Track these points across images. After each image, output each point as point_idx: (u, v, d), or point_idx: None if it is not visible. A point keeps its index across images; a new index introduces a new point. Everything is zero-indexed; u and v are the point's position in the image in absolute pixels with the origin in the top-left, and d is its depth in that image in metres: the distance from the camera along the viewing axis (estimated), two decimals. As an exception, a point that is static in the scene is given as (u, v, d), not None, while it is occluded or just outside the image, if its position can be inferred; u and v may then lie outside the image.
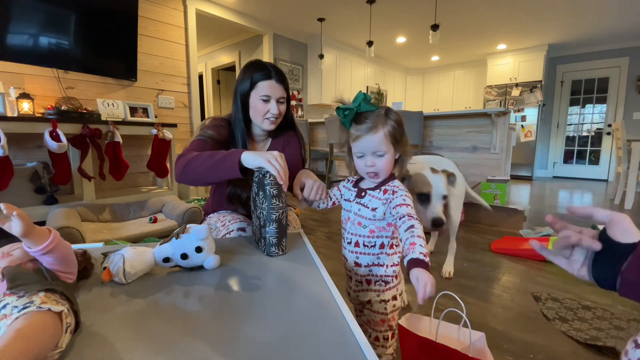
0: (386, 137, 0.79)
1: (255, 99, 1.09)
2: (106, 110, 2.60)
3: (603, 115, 5.52)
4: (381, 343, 0.85)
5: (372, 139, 0.79)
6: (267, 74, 1.08)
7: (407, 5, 4.02)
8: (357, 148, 0.82)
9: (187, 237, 0.68)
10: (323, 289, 0.64)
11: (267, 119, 1.10)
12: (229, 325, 0.51)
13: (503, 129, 2.88)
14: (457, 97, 6.95)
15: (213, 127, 1.12)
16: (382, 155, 0.80)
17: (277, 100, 1.09)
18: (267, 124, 1.11)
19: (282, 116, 1.13)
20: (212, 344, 0.46)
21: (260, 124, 1.12)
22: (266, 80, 1.08)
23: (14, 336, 0.37)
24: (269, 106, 1.08)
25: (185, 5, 3.48)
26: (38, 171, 2.23)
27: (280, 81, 1.09)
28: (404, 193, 0.79)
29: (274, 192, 0.79)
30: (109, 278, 0.64)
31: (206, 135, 1.09)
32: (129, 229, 2.16)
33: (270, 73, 1.08)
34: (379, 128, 0.79)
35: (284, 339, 0.48)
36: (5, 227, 0.48)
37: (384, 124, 0.79)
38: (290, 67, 5.06)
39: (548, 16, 4.29)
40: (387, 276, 0.85)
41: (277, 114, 1.09)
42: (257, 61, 1.12)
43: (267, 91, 1.07)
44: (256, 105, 1.09)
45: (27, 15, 2.28)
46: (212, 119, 1.17)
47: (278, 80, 1.09)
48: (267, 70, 1.09)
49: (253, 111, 1.11)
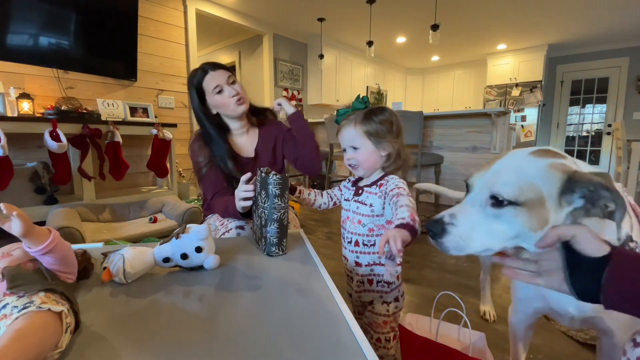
0: (359, 131, 0.84)
1: (212, 98, 1.12)
2: (106, 110, 2.60)
3: (603, 115, 5.52)
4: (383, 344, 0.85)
5: (346, 132, 0.86)
6: (202, 70, 1.12)
7: (407, 5, 4.02)
8: (340, 142, 0.89)
9: (187, 237, 0.68)
10: (323, 289, 0.64)
11: (234, 103, 1.12)
12: (228, 325, 0.51)
13: (503, 129, 2.88)
14: (457, 97, 6.95)
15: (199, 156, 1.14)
16: (358, 149, 0.85)
17: (227, 83, 1.11)
18: (237, 108, 1.12)
19: (243, 93, 1.15)
20: (212, 344, 0.46)
21: (233, 112, 1.13)
22: (205, 75, 1.11)
23: (14, 336, 0.37)
24: (226, 93, 1.11)
25: (185, 5, 3.48)
26: (38, 171, 2.23)
27: (216, 67, 1.12)
28: (398, 181, 0.82)
29: (277, 191, 0.79)
30: (109, 278, 0.64)
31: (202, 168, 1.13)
32: (129, 229, 2.16)
33: (204, 68, 1.12)
34: (353, 123, 0.85)
35: (284, 339, 0.48)
36: (5, 227, 0.48)
37: (361, 121, 0.84)
38: (290, 67, 5.06)
39: (548, 16, 4.29)
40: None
41: (235, 93, 1.11)
42: (190, 73, 1.16)
43: (213, 83, 1.10)
44: (216, 101, 1.12)
45: (27, 15, 2.28)
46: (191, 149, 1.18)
47: (214, 68, 1.12)
48: (201, 69, 1.12)
49: (219, 109, 1.14)
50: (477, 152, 3.08)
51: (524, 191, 0.49)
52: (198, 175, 1.16)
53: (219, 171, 1.12)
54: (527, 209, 0.49)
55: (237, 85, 1.14)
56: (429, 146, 3.37)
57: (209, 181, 1.13)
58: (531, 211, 0.49)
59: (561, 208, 0.50)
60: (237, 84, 1.14)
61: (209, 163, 1.12)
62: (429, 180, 3.14)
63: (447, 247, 0.54)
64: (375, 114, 0.84)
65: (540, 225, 0.49)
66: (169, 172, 2.87)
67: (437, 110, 6.88)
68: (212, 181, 1.12)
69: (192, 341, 0.47)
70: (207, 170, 1.12)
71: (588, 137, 5.70)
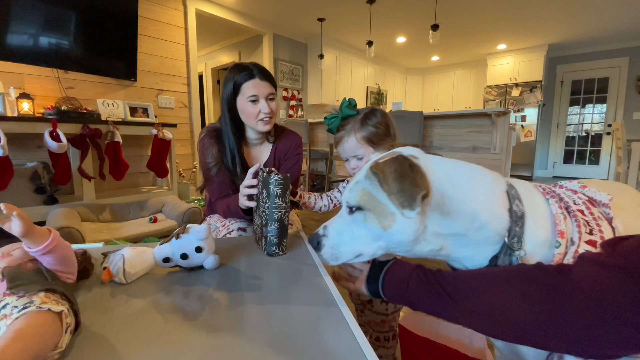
0: (360, 141, 0.83)
1: (243, 102, 1.04)
2: (106, 110, 2.60)
3: (603, 115, 5.52)
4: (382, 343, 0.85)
5: (347, 144, 0.85)
6: (250, 73, 1.03)
7: (407, 5, 4.02)
8: (340, 153, 0.88)
9: (187, 237, 0.68)
10: (323, 289, 0.64)
11: (261, 120, 1.05)
12: (228, 325, 0.51)
13: (503, 129, 2.88)
14: (457, 97, 6.95)
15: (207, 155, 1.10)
16: (362, 158, 0.84)
17: (266, 98, 1.04)
18: (261, 125, 1.06)
19: (275, 114, 1.09)
20: (212, 344, 0.46)
21: (255, 127, 1.07)
22: (250, 80, 1.03)
23: (13, 336, 0.37)
24: (259, 106, 1.04)
25: (185, 5, 3.48)
26: (38, 171, 2.23)
27: (265, 78, 1.04)
28: None
29: (278, 191, 0.79)
30: (109, 278, 0.64)
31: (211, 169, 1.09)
32: (129, 229, 2.16)
33: (253, 72, 1.03)
34: (352, 133, 0.84)
35: (284, 339, 0.48)
36: (5, 227, 0.48)
37: (359, 129, 0.83)
38: (290, 67, 5.06)
39: (548, 16, 4.29)
40: None
41: (268, 112, 1.04)
42: (238, 64, 1.08)
43: (253, 91, 1.03)
44: (245, 108, 1.05)
45: (27, 15, 2.28)
46: (201, 143, 1.14)
47: (262, 78, 1.04)
48: (249, 70, 1.04)
49: (244, 115, 1.07)
50: (477, 152, 3.08)
51: (361, 196, 0.52)
52: (205, 175, 1.13)
53: (226, 175, 1.10)
54: (371, 211, 0.52)
55: (274, 103, 1.07)
56: (429, 146, 3.37)
57: (215, 184, 1.10)
58: (375, 211, 0.51)
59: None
60: (274, 103, 1.07)
61: (217, 165, 1.09)
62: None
63: (325, 258, 0.57)
64: (370, 119, 0.85)
65: (391, 221, 0.50)
66: (169, 172, 2.87)
67: (437, 110, 6.88)
68: (218, 185, 1.10)
69: (192, 341, 0.47)
70: (214, 172, 1.10)
71: (588, 137, 5.70)
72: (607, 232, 0.49)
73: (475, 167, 0.56)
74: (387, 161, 0.49)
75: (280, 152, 1.18)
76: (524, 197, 0.52)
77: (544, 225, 0.51)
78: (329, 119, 0.90)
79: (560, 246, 0.49)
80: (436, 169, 0.51)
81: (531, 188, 0.56)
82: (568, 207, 0.52)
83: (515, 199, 0.52)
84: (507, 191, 0.52)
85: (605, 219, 0.51)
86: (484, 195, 0.51)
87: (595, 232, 0.49)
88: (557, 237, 0.49)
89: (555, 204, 0.52)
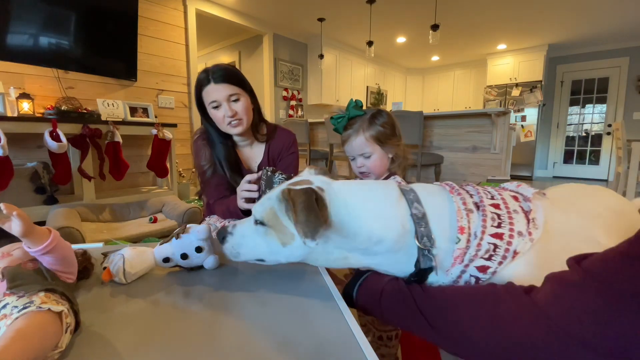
0: (369, 139, 0.85)
1: (209, 109, 1.02)
2: (106, 110, 2.60)
3: (603, 115, 5.52)
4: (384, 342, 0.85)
5: (355, 142, 0.87)
6: (205, 78, 0.99)
7: (407, 5, 4.02)
8: (347, 151, 0.90)
9: (187, 237, 0.68)
10: (323, 289, 0.64)
11: (229, 124, 1.02)
12: (228, 325, 0.51)
13: (503, 129, 2.88)
14: (457, 97, 6.95)
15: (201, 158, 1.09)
16: (369, 157, 0.86)
17: (226, 100, 0.99)
18: (231, 129, 1.02)
19: (244, 114, 1.02)
20: (211, 344, 0.46)
21: (227, 131, 1.04)
22: (207, 85, 0.99)
23: (13, 336, 0.37)
24: (222, 111, 0.99)
25: (185, 5, 3.48)
26: (38, 171, 2.23)
27: (221, 80, 0.98)
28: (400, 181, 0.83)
29: None
30: (109, 278, 0.64)
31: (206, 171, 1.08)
32: (129, 229, 2.16)
33: (208, 76, 0.99)
34: (360, 132, 0.86)
35: (284, 339, 0.48)
36: (5, 227, 0.48)
37: (367, 128, 0.85)
38: (290, 67, 5.06)
39: (548, 16, 4.29)
40: None
41: (231, 115, 0.99)
42: (202, 70, 1.02)
43: (212, 96, 0.99)
44: (212, 114, 1.02)
45: (27, 15, 2.28)
46: (194, 145, 1.12)
47: (218, 81, 0.98)
48: (205, 75, 0.99)
49: (215, 121, 1.04)
50: (477, 152, 3.08)
51: (267, 213, 0.57)
52: (201, 178, 1.12)
53: (222, 177, 1.09)
54: (273, 228, 0.56)
55: (239, 104, 1.01)
56: (429, 146, 3.37)
57: (212, 187, 1.09)
58: (277, 229, 0.56)
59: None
60: (240, 103, 1.01)
61: (211, 167, 1.08)
62: (429, 180, 3.14)
63: (226, 253, 0.63)
64: (377, 119, 0.86)
65: (290, 239, 0.55)
66: (169, 172, 2.87)
67: (437, 110, 6.88)
68: (215, 187, 1.09)
69: (192, 341, 0.47)
70: (209, 175, 1.09)
71: (588, 137, 5.70)
72: (519, 225, 0.52)
73: (370, 186, 0.61)
74: (298, 191, 0.51)
75: (274, 152, 1.16)
76: (423, 199, 0.56)
77: (444, 222, 0.54)
78: (335, 119, 0.91)
79: (460, 241, 0.52)
80: (336, 199, 0.54)
81: (435, 189, 0.60)
82: (478, 202, 0.55)
83: (413, 202, 0.55)
84: (406, 197, 0.56)
85: (523, 212, 0.53)
86: (376, 212, 0.55)
87: (505, 224, 0.52)
88: (457, 233, 0.52)
89: (459, 201, 0.55)
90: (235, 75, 1.03)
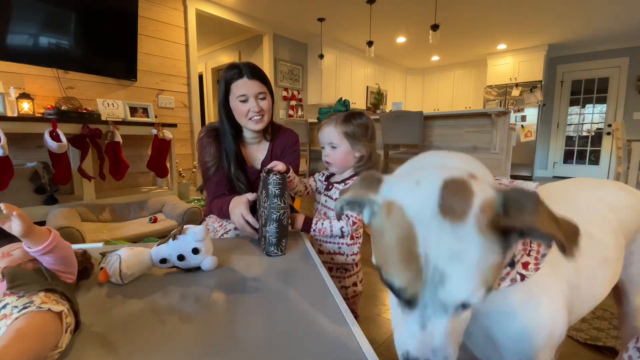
0: (339, 132, 0.91)
1: (234, 102, 1.07)
2: (106, 110, 2.60)
3: (603, 115, 5.52)
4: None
5: (326, 130, 0.94)
6: (239, 72, 1.06)
7: (407, 5, 4.02)
8: (320, 139, 0.97)
9: (183, 239, 0.68)
10: (323, 289, 0.64)
11: (251, 119, 1.08)
12: (227, 325, 0.51)
13: (503, 129, 2.88)
14: (457, 97, 6.94)
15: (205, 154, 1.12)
16: (335, 147, 0.93)
17: (255, 96, 1.06)
18: (252, 124, 1.08)
19: (267, 112, 1.10)
20: (210, 345, 0.46)
21: (247, 125, 1.09)
22: (239, 79, 1.05)
23: (14, 336, 0.37)
24: (248, 105, 1.06)
25: (185, 5, 3.48)
26: (38, 171, 2.23)
27: (254, 76, 1.06)
28: None
29: (277, 191, 0.79)
30: (106, 279, 0.64)
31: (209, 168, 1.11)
32: (129, 229, 2.16)
33: (242, 71, 1.05)
34: (334, 123, 0.92)
35: (284, 340, 0.48)
36: (5, 227, 0.48)
37: (341, 122, 0.92)
38: (290, 67, 5.06)
39: (548, 16, 4.28)
40: (347, 264, 0.96)
41: (257, 110, 1.06)
42: (231, 64, 1.10)
43: (242, 90, 1.05)
44: (236, 107, 1.07)
45: (27, 15, 2.28)
46: (200, 142, 1.15)
47: (251, 77, 1.05)
48: (238, 69, 1.06)
49: (236, 114, 1.09)
50: (477, 152, 3.08)
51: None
52: (204, 175, 1.15)
53: (223, 174, 1.11)
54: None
55: (265, 102, 1.08)
56: (429, 146, 3.37)
57: (212, 183, 1.12)
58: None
59: None
60: (265, 101, 1.09)
61: (215, 164, 1.11)
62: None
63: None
64: (355, 118, 0.92)
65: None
66: (169, 172, 2.87)
67: (437, 110, 6.88)
68: (215, 184, 1.12)
69: (190, 342, 0.47)
70: (212, 171, 1.11)
71: (588, 137, 5.69)
72: None
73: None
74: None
75: (277, 150, 1.20)
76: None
77: None
78: (322, 110, 0.99)
79: None
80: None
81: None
82: None
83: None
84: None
85: None
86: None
87: None
88: None
89: None
90: (265, 76, 1.12)
